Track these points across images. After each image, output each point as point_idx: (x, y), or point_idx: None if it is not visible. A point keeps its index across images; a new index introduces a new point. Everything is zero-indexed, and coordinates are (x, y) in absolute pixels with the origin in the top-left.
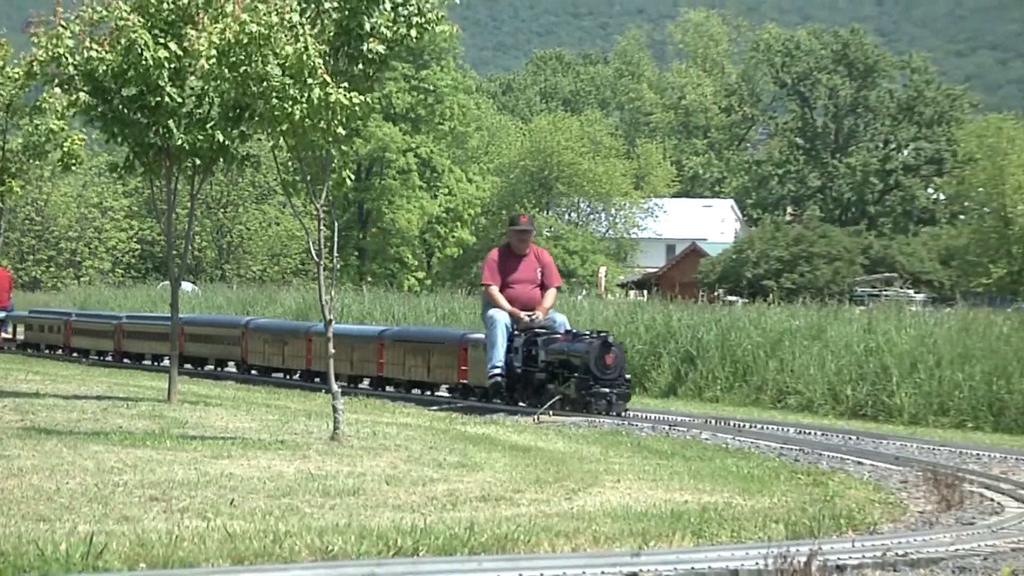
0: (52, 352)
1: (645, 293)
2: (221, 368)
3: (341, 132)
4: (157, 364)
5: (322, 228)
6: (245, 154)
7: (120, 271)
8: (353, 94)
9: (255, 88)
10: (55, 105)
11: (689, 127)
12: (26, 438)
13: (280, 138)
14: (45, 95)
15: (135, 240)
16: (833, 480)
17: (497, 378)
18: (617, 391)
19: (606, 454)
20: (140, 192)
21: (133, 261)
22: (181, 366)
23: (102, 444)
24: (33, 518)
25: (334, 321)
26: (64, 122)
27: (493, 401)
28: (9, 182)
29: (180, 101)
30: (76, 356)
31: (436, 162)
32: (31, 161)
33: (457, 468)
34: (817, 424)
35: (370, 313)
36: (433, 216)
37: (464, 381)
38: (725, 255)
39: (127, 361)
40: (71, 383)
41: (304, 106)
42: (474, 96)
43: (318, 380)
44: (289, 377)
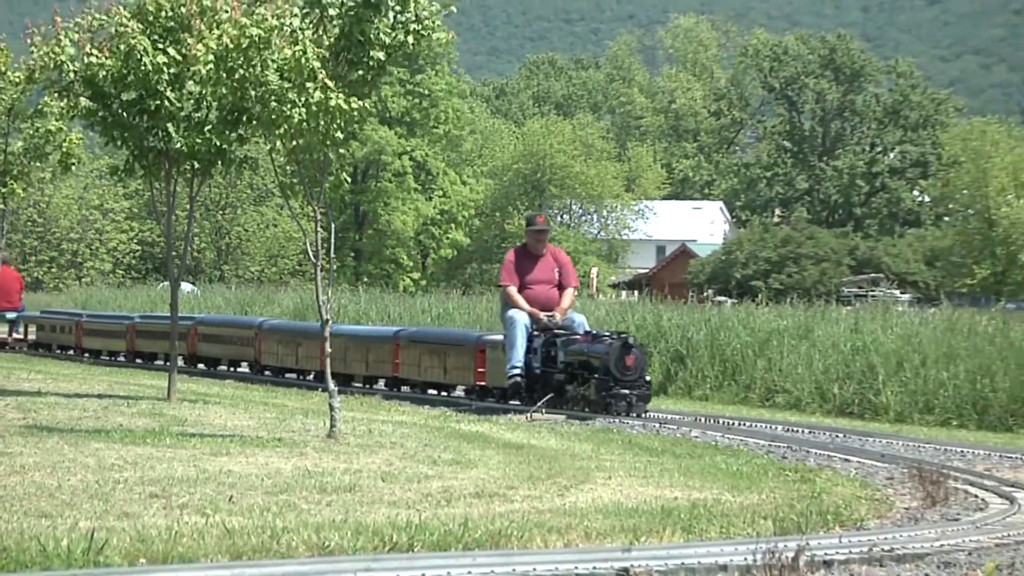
0: (64, 352)
1: (636, 293)
2: (234, 368)
3: (339, 136)
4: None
5: (319, 230)
6: (243, 157)
7: (121, 272)
8: (352, 99)
9: (253, 92)
10: (54, 108)
11: (679, 131)
12: (28, 436)
13: (278, 141)
14: (46, 99)
15: (135, 241)
16: (820, 477)
17: (517, 378)
18: (637, 392)
19: (598, 451)
20: (140, 194)
21: (133, 262)
22: (194, 366)
23: (103, 442)
24: (35, 514)
25: (331, 321)
26: (62, 123)
27: (511, 402)
28: (11, 184)
29: (179, 105)
30: (87, 356)
31: (431, 165)
32: (32, 163)
33: (451, 465)
34: (805, 422)
35: (366, 313)
36: (428, 218)
37: (481, 383)
38: (714, 256)
39: (139, 361)
40: (72, 382)
41: (303, 110)
42: (468, 100)
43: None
44: (302, 378)
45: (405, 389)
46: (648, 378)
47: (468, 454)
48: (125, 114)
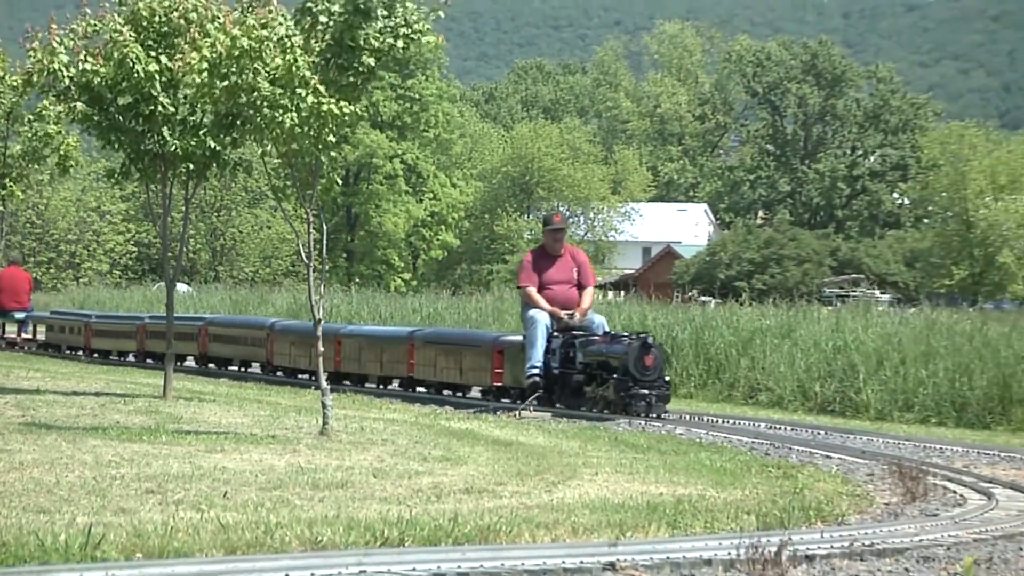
0: (73, 353)
1: (622, 294)
2: (245, 369)
3: (331, 140)
4: (181, 364)
5: (311, 231)
6: (237, 160)
7: (117, 273)
8: (343, 104)
9: (245, 99)
10: (51, 111)
11: (664, 134)
12: (27, 433)
13: (270, 145)
14: (45, 102)
15: (132, 243)
16: (802, 473)
17: (535, 378)
18: (656, 392)
19: (584, 448)
20: (136, 197)
21: (130, 263)
22: (204, 366)
23: (100, 439)
24: (33, 510)
25: (322, 321)
26: (60, 127)
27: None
28: (10, 186)
29: (173, 110)
30: (97, 357)
31: (421, 168)
32: (31, 166)
33: (441, 462)
34: (787, 419)
35: (358, 313)
36: (418, 220)
37: (498, 383)
38: (699, 257)
39: (150, 361)
40: (70, 380)
41: (295, 115)
42: (458, 104)
43: (347, 383)
44: (315, 378)
45: (420, 390)
46: (667, 378)
47: (458, 451)
48: (121, 118)
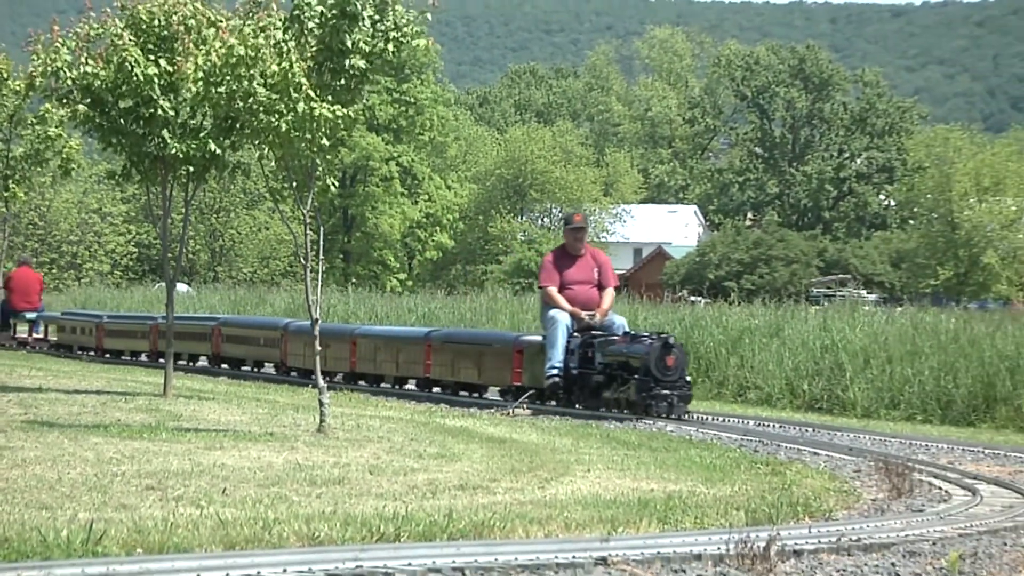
0: (85, 353)
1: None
2: (258, 369)
3: (325, 143)
4: (193, 364)
5: (308, 232)
6: (236, 163)
7: (118, 273)
8: (336, 107)
9: (241, 104)
10: (54, 115)
11: (655, 137)
12: (29, 430)
13: (267, 149)
14: (47, 106)
15: (133, 244)
16: (790, 470)
17: (555, 378)
18: (678, 393)
19: (577, 445)
20: (137, 198)
21: (131, 263)
22: (217, 366)
23: (101, 436)
24: (36, 506)
25: (320, 320)
26: (62, 129)
27: (548, 403)
28: (13, 188)
29: (174, 113)
30: (109, 357)
31: (417, 170)
32: (33, 168)
33: (436, 459)
34: (775, 417)
35: (355, 313)
36: (414, 221)
37: (518, 383)
38: (689, 258)
39: (162, 361)
40: (72, 378)
41: (289, 119)
42: (452, 108)
43: (362, 383)
44: (330, 379)
45: (436, 390)
46: (689, 378)
47: (452, 448)
48: (122, 121)
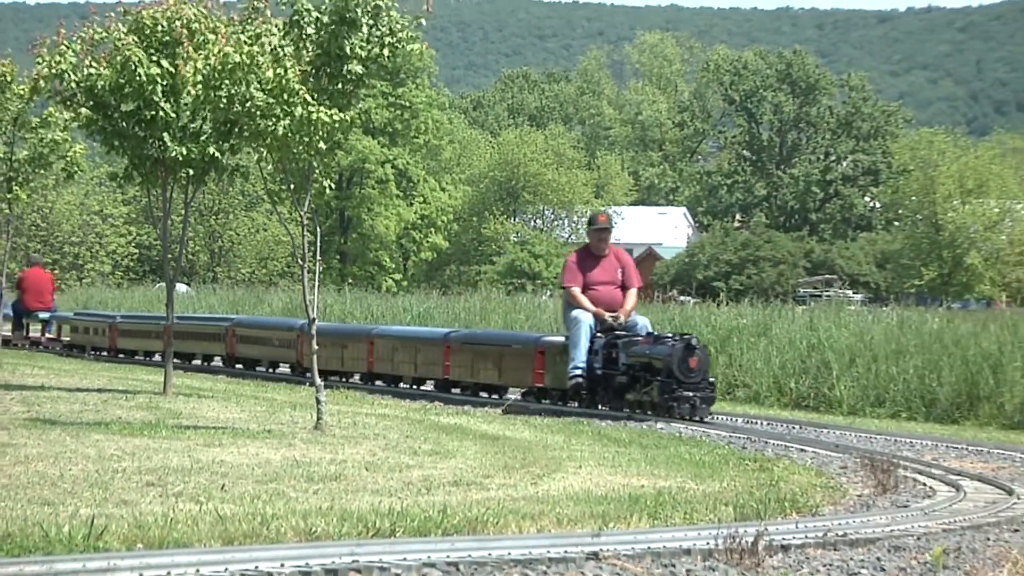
0: (97, 353)
1: None
2: (273, 370)
3: (322, 146)
4: (207, 364)
5: (306, 234)
6: (235, 165)
7: (119, 273)
8: (333, 111)
9: (240, 108)
10: (58, 119)
11: (645, 140)
12: (32, 428)
13: (265, 152)
14: (51, 109)
15: (133, 245)
16: (778, 466)
17: (578, 379)
18: (701, 395)
19: (569, 442)
20: (138, 200)
21: (131, 264)
22: (232, 367)
23: (102, 433)
24: (38, 502)
25: (317, 320)
26: (66, 134)
27: (570, 404)
28: (16, 191)
29: (174, 116)
30: (122, 357)
31: (412, 172)
32: (37, 171)
33: (431, 455)
34: (763, 414)
35: (351, 312)
36: (409, 222)
37: (539, 384)
38: (678, 258)
39: (177, 361)
40: (74, 377)
41: (287, 123)
42: (447, 112)
43: (380, 382)
44: (346, 380)
45: (455, 391)
46: (712, 380)
47: (447, 445)
48: (124, 124)
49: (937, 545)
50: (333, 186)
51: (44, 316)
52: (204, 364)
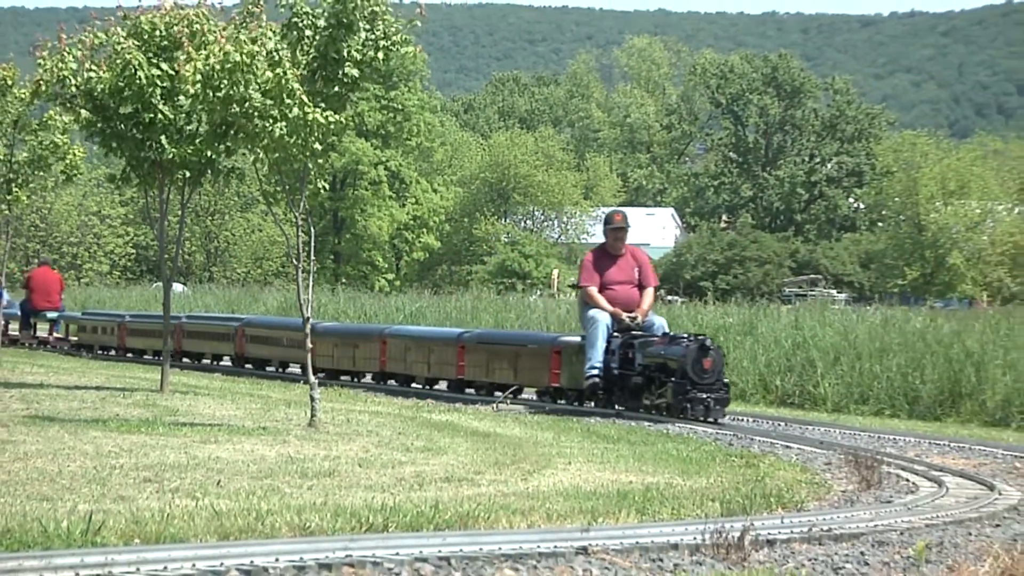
0: (105, 353)
1: None
2: (283, 370)
3: (318, 147)
4: (217, 363)
5: (300, 234)
6: (231, 167)
7: (117, 273)
8: (329, 113)
9: (237, 109)
10: (58, 122)
11: (633, 143)
12: (31, 425)
13: (261, 153)
14: (51, 112)
15: (131, 245)
16: (764, 462)
17: (595, 379)
18: (715, 396)
19: (558, 439)
20: (135, 201)
21: (129, 264)
22: (241, 367)
23: (100, 430)
24: (37, 498)
25: (311, 319)
26: (66, 136)
27: (587, 404)
28: (16, 192)
29: (172, 118)
30: (131, 356)
31: (404, 174)
32: (36, 173)
33: (423, 452)
34: (749, 411)
35: (344, 311)
36: (401, 223)
37: (555, 384)
38: (666, 258)
39: (186, 360)
40: (72, 375)
41: (283, 124)
42: (439, 115)
43: (393, 382)
44: (358, 379)
45: (469, 391)
46: (727, 381)
47: (438, 442)
48: (122, 126)
49: (920, 540)
50: (327, 187)
51: (52, 316)
52: (214, 363)
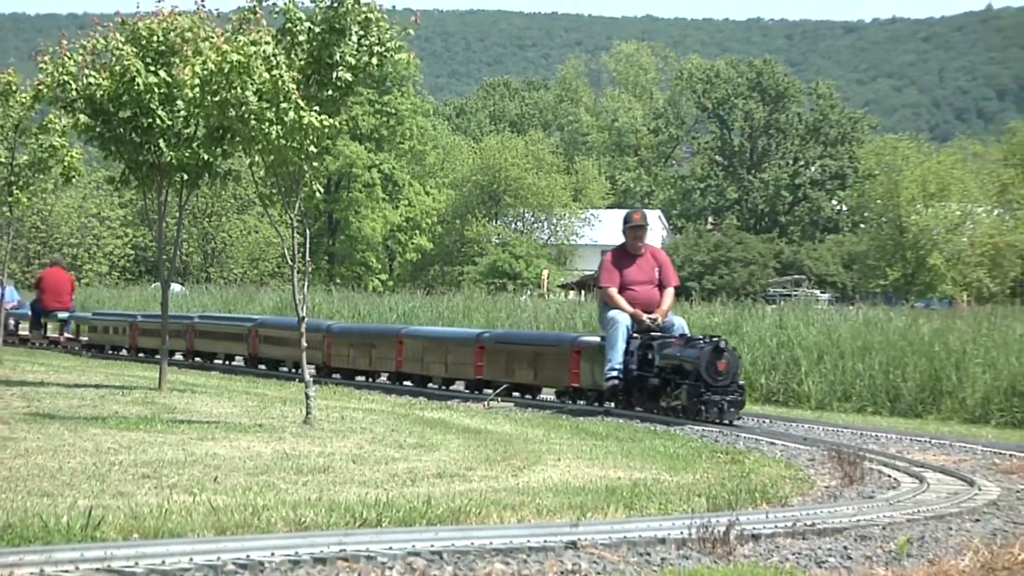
0: (116, 353)
1: (583, 293)
2: (295, 370)
3: (313, 150)
4: (229, 363)
5: (295, 236)
6: (227, 170)
7: (116, 274)
8: (323, 117)
9: (234, 112)
10: (57, 125)
11: (621, 146)
12: (32, 422)
13: (257, 156)
14: (51, 116)
15: (130, 246)
16: (749, 459)
17: (615, 381)
18: (729, 398)
19: (548, 436)
20: (134, 203)
21: (128, 265)
22: (254, 367)
23: (100, 428)
24: (38, 493)
25: (306, 318)
26: (65, 139)
27: (607, 404)
28: (17, 194)
29: (169, 123)
30: (143, 356)
31: (397, 177)
32: (36, 175)
33: (416, 448)
34: None
35: (339, 311)
36: (394, 225)
37: (575, 384)
38: None
39: (199, 360)
40: (72, 373)
41: (279, 128)
42: (431, 118)
43: (409, 383)
44: (373, 380)
45: (487, 391)
46: (742, 383)
47: (431, 438)
48: (121, 130)
49: (901, 534)
50: (322, 190)
51: (63, 316)
52: (226, 363)
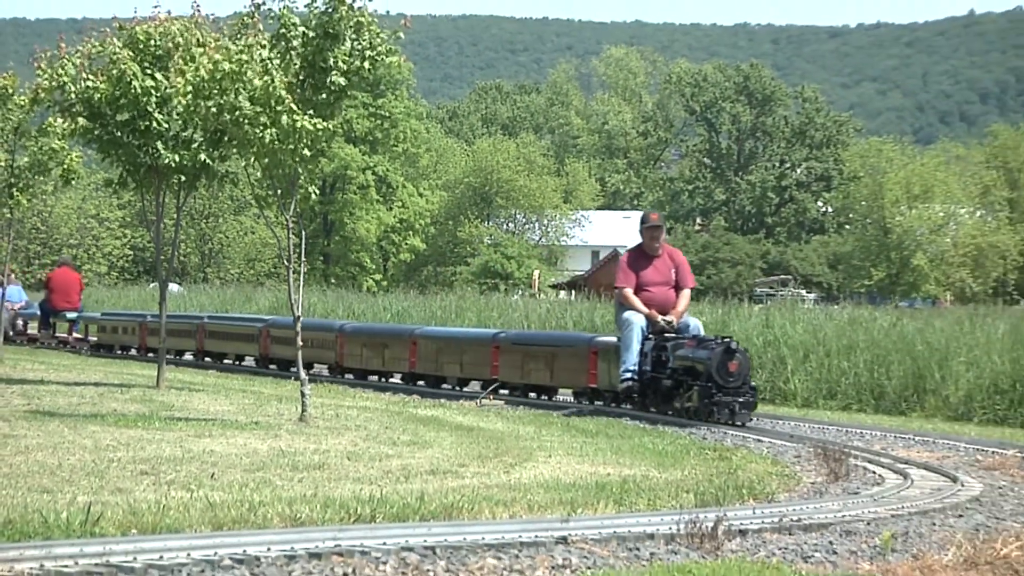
0: (125, 353)
1: (573, 293)
2: (307, 371)
3: (307, 153)
4: (239, 363)
5: (291, 236)
6: (224, 172)
7: (115, 274)
8: (317, 120)
9: (228, 117)
10: (57, 128)
11: (611, 149)
12: (32, 420)
13: (253, 159)
14: (50, 119)
15: (128, 247)
16: (736, 455)
17: (630, 382)
18: (741, 400)
19: (539, 433)
20: (132, 205)
21: (127, 265)
22: (265, 367)
23: (99, 425)
24: (37, 490)
25: (302, 317)
26: (64, 142)
27: (623, 406)
28: (17, 196)
29: (167, 126)
30: (152, 356)
31: (391, 179)
32: (36, 177)
33: (409, 445)
34: None
35: (333, 310)
36: (388, 226)
37: (593, 385)
38: None
39: (208, 360)
40: (71, 371)
41: (273, 131)
42: (424, 121)
43: (422, 383)
44: (386, 380)
45: (503, 392)
46: (754, 384)
47: (424, 436)
48: (119, 133)
49: (886, 530)
50: (317, 192)
51: (71, 316)
52: (236, 363)
